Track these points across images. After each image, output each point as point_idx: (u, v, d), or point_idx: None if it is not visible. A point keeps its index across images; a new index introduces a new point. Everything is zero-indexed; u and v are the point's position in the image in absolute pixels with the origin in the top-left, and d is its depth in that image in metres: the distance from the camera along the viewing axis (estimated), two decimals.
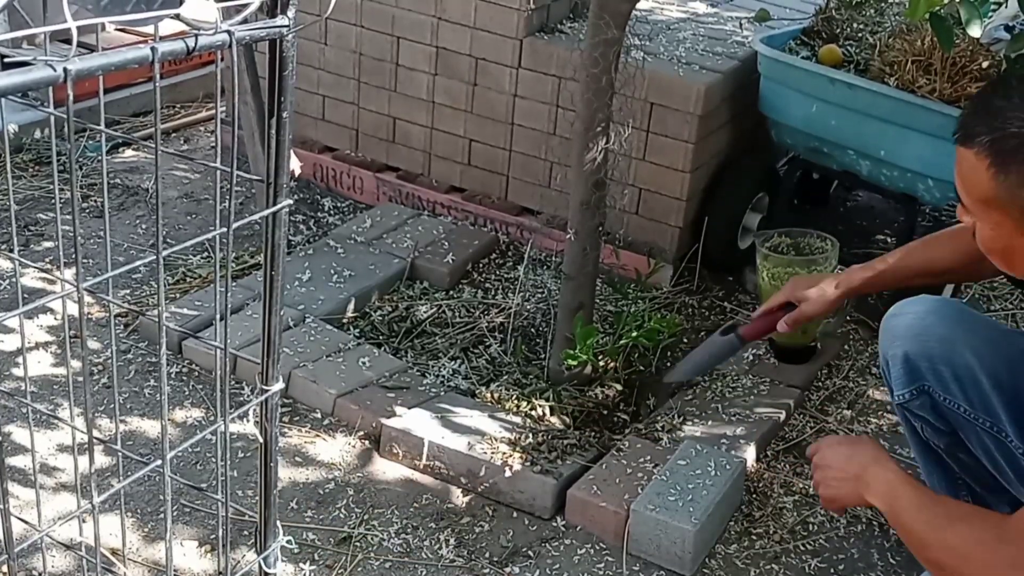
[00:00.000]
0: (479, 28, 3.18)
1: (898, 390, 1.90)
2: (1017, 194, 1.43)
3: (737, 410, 2.55)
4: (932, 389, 1.84)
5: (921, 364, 1.84)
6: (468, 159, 3.35)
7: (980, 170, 1.45)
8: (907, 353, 1.85)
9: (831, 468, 1.71)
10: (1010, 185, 1.42)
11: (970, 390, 1.80)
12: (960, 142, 1.48)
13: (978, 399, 1.80)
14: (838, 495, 1.70)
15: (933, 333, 1.84)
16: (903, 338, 1.87)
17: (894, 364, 1.89)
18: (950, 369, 1.81)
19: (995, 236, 1.52)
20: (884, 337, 1.95)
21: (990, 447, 1.83)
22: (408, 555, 2.15)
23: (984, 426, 1.81)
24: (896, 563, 2.23)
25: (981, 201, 1.49)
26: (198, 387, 2.57)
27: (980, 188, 1.47)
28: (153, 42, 0.94)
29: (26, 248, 3.09)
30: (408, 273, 3.06)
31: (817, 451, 1.76)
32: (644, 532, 2.17)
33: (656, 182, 3.07)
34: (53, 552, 2.05)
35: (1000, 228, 1.49)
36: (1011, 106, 1.42)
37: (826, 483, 1.71)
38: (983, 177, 1.45)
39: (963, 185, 1.51)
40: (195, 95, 4.15)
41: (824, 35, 3.20)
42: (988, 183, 1.44)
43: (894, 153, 2.82)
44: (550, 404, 2.51)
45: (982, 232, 1.54)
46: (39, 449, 2.33)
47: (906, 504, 1.58)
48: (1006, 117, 1.41)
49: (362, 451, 2.42)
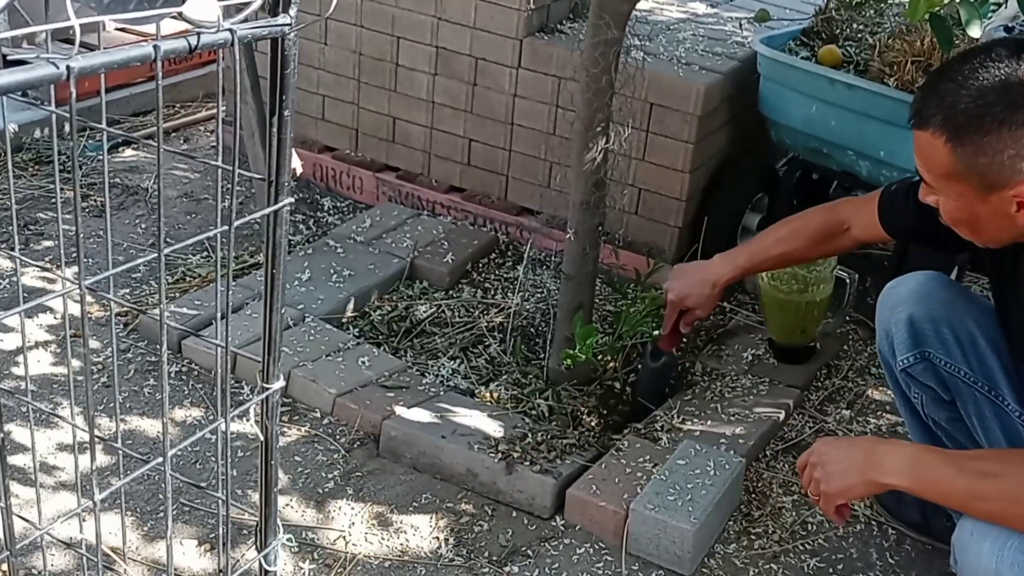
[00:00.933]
0: (479, 28, 3.18)
1: (901, 355, 1.96)
2: (974, 163, 1.55)
3: (736, 410, 2.55)
4: (933, 355, 1.92)
5: (925, 327, 1.92)
6: (468, 159, 3.36)
7: (938, 147, 1.57)
8: (911, 316, 1.94)
9: (831, 462, 1.70)
10: (966, 155, 1.55)
11: (970, 354, 1.89)
12: (916, 126, 1.61)
13: (978, 364, 1.89)
14: (843, 485, 1.67)
15: (936, 296, 1.94)
16: (907, 302, 1.96)
17: (897, 329, 1.96)
18: (952, 331, 1.90)
19: (959, 207, 1.64)
20: (885, 307, 2.03)
21: (986, 413, 1.90)
22: (407, 554, 2.16)
23: (983, 390, 1.89)
24: (895, 562, 2.23)
25: (943, 176, 1.61)
26: (198, 386, 2.57)
27: (940, 164, 1.59)
28: (155, 41, 0.94)
29: (26, 247, 3.09)
30: (408, 273, 3.06)
31: (809, 454, 1.76)
32: (643, 531, 2.17)
33: (656, 182, 3.08)
34: (53, 550, 2.05)
35: (962, 198, 1.61)
36: (956, 86, 1.55)
37: (827, 478, 1.69)
38: (941, 153, 1.57)
39: (924, 165, 1.63)
40: (195, 94, 4.15)
41: (824, 36, 3.20)
42: (947, 157, 1.57)
43: (894, 154, 2.82)
44: (549, 404, 2.51)
45: (947, 206, 1.66)
46: (39, 448, 2.33)
47: (939, 470, 1.62)
48: (955, 96, 1.55)
49: (361, 450, 2.42)
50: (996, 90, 1.52)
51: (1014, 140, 1.51)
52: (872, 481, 1.65)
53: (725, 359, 2.76)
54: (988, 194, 1.57)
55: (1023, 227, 1.60)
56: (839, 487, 1.68)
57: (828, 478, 1.69)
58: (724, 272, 2.29)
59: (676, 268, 2.42)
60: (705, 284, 2.29)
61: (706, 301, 2.32)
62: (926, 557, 2.24)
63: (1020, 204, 1.56)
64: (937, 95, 1.57)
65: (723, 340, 2.85)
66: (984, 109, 1.52)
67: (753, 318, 2.95)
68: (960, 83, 1.55)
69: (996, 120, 1.52)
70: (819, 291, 2.67)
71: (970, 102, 1.53)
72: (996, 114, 1.51)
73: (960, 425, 1.99)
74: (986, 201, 1.59)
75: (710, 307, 2.36)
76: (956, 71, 1.57)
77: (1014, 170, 1.53)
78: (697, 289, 2.31)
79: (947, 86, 1.56)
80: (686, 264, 2.45)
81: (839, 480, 1.68)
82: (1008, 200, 1.56)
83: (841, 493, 1.69)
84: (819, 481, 1.71)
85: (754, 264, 2.30)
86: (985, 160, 1.54)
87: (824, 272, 2.66)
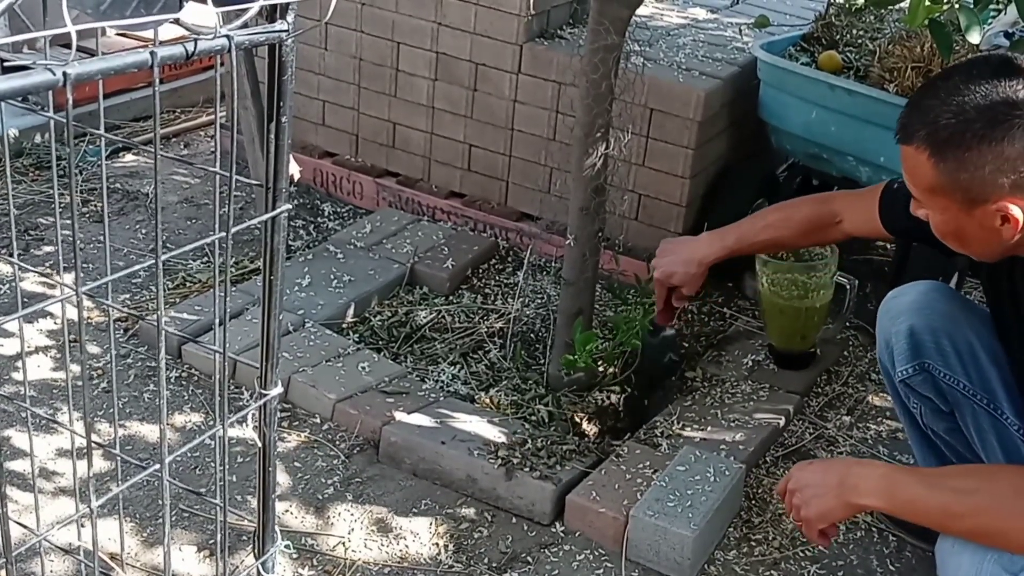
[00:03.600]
0: (479, 33, 3.18)
1: (900, 366, 1.97)
2: (956, 177, 1.57)
3: (736, 416, 2.54)
4: (933, 366, 1.93)
5: (925, 338, 1.93)
6: (468, 164, 3.36)
7: (922, 161, 1.60)
8: (912, 327, 1.94)
9: (808, 486, 1.72)
10: (949, 170, 1.57)
11: (969, 366, 1.90)
12: (902, 141, 1.64)
13: (977, 376, 1.90)
14: (822, 510, 1.69)
15: (936, 308, 1.95)
16: (907, 312, 1.97)
17: (898, 339, 1.96)
18: (951, 343, 1.91)
19: (945, 220, 1.66)
20: (886, 317, 2.03)
21: (984, 426, 1.91)
22: (407, 560, 2.15)
23: (981, 403, 1.90)
24: (895, 570, 2.23)
25: (928, 190, 1.63)
26: (197, 392, 2.57)
27: (924, 178, 1.61)
28: (153, 46, 0.94)
29: (26, 252, 3.09)
30: (408, 278, 3.06)
31: (787, 480, 1.78)
32: (643, 538, 2.17)
33: (656, 188, 3.08)
34: (52, 556, 2.05)
35: (947, 212, 1.64)
36: (939, 102, 1.58)
37: (806, 503, 1.71)
38: (925, 168, 1.60)
39: (910, 179, 1.66)
40: (195, 100, 4.15)
41: (824, 41, 3.20)
42: (930, 172, 1.59)
43: (894, 159, 2.78)
44: (549, 409, 2.51)
45: (934, 219, 1.68)
46: (38, 453, 2.33)
47: (912, 489, 1.64)
48: (937, 112, 1.57)
49: (361, 456, 2.42)
50: (977, 107, 1.54)
51: (994, 155, 1.53)
52: (849, 503, 1.68)
53: (725, 365, 2.76)
54: (972, 208, 1.59)
55: (1010, 240, 1.60)
56: (818, 511, 1.70)
57: (807, 503, 1.71)
58: (710, 252, 2.27)
59: (663, 243, 2.39)
60: (691, 263, 2.28)
61: (692, 279, 2.30)
62: (926, 564, 2.23)
63: (1004, 218, 1.57)
64: (920, 111, 1.60)
65: (723, 346, 2.85)
66: (965, 125, 1.55)
67: (753, 324, 2.95)
68: (943, 99, 1.57)
69: (976, 136, 1.54)
70: (819, 297, 2.66)
71: (951, 118, 1.55)
72: (976, 130, 1.54)
73: (959, 436, 1.99)
74: (971, 215, 1.60)
75: (696, 285, 2.33)
76: (939, 87, 1.60)
77: (995, 185, 1.55)
78: (682, 268, 2.29)
79: (930, 102, 1.59)
80: (673, 240, 2.43)
81: (817, 504, 1.70)
82: (992, 214, 1.58)
83: (820, 517, 1.71)
84: (799, 507, 1.73)
85: (741, 246, 2.28)
86: (967, 175, 1.56)
87: (824, 278, 2.66)
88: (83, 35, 0.88)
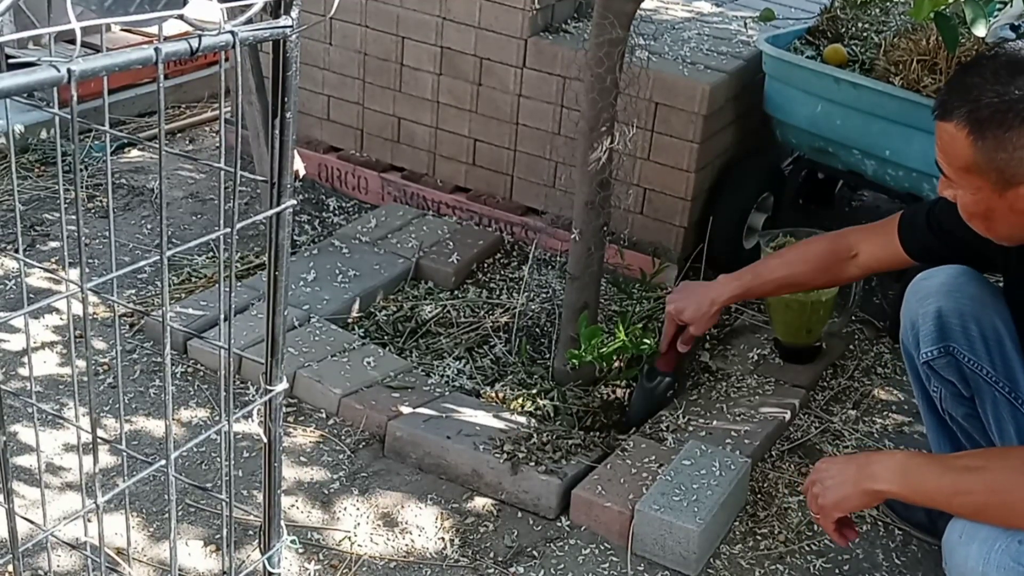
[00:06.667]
0: (483, 28, 3.18)
1: (925, 347, 1.97)
2: (994, 157, 1.58)
3: (742, 410, 2.54)
4: (958, 350, 1.93)
5: (952, 321, 1.93)
6: (473, 159, 3.36)
7: (960, 139, 1.60)
8: (940, 309, 1.94)
9: (828, 477, 1.74)
10: (987, 149, 1.58)
11: (995, 352, 1.91)
12: (940, 118, 1.64)
13: (1001, 363, 1.90)
14: (839, 497, 1.70)
15: (965, 291, 1.95)
16: (936, 294, 1.97)
17: (925, 321, 1.97)
18: (979, 328, 1.91)
19: (976, 200, 1.66)
20: (914, 298, 2.03)
21: (1003, 414, 1.91)
22: (412, 555, 2.16)
23: (1003, 391, 1.90)
24: (901, 563, 2.23)
25: (962, 169, 1.63)
26: (203, 387, 2.58)
27: (961, 156, 1.61)
28: (157, 43, 0.94)
29: (31, 248, 3.10)
30: (413, 273, 3.06)
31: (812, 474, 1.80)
32: (649, 532, 2.17)
33: (661, 182, 3.07)
34: (58, 551, 2.05)
35: (980, 192, 1.64)
36: (983, 81, 1.58)
37: (824, 492, 1.72)
38: (963, 145, 1.60)
39: (944, 157, 1.66)
40: (200, 95, 4.16)
41: (829, 34, 3.19)
42: (967, 150, 1.60)
43: (899, 153, 2.82)
44: (555, 404, 2.51)
45: (964, 199, 1.68)
46: (44, 449, 2.33)
47: (924, 471, 1.66)
48: (980, 90, 1.58)
49: (367, 451, 2.42)
50: (1022, 88, 1.55)
51: None
52: (865, 490, 1.68)
53: (731, 359, 2.75)
54: (1005, 190, 1.60)
55: None
56: (834, 499, 1.71)
57: (824, 492, 1.73)
58: (724, 291, 2.33)
59: (682, 284, 2.47)
60: (704, 302, 2.33)
61: (702, 318, 2.35)
62: (932, 558, 2.23)
63: None
64: (963, 88, 1.60)
65: (729, 340, 2.85)
66: (1008, 105, 1.55)
67: (759, 318, 2.94)
68: (987, 78, 1.58)
69: (1019, 117, 1.55)
70: (825, 291, 2.66)
71: (995, 97, 1.56)
72: (1020, 111, 1.55)
73: (976, 422, 1.99)
74: (1003, 196, 1.61)
75: (706, 325, 2.39)
76: (984, 67, 1.60)
77: None
78: (695, 304, 2.35)
79: (973, 80, 1.59)
80: (692, 282, 2.50)
81: (834, 492, 1.71)
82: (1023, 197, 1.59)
83: (836, 505, 1.72)
84: (817, 496, 1.74)
85: (756, 285, 2.34)
86: (1005, 155, 1.57)
87: None
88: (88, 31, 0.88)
